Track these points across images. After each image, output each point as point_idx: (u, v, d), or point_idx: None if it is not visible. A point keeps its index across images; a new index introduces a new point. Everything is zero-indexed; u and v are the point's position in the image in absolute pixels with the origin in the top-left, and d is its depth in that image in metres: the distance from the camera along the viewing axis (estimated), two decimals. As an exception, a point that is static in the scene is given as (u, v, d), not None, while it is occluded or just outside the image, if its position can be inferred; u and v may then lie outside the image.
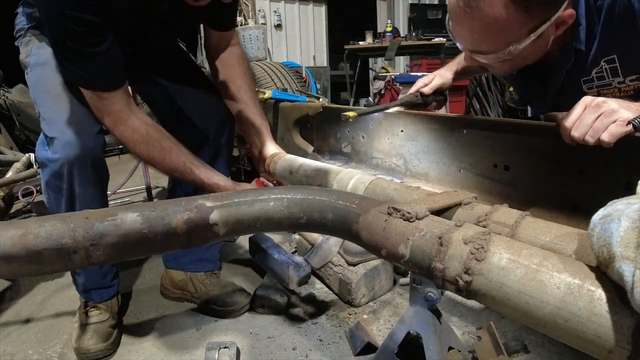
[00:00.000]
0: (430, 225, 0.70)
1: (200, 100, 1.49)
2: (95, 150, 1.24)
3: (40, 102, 1.29)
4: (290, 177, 1.23)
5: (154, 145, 1.25)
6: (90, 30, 1.10)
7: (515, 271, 0.57)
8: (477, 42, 1.04)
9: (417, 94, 1.49)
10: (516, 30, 0.98)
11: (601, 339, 0.50)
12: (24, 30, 1.38)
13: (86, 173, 1.24)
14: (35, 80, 1.31)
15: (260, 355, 1.31)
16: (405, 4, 7.84)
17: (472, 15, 0.97)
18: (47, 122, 1.25)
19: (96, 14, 1.09)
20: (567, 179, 1.22)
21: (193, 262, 1.59)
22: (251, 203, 0.87)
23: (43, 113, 1.27)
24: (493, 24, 0.97)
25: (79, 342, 1.34)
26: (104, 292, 1.42)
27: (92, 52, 1.12)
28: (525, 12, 0.94)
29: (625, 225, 0.47)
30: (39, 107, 1.29)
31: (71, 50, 1.12)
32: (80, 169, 1.22)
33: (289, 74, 2.96)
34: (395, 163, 1.78)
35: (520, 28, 0.97)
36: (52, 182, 1.25)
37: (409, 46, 5.60)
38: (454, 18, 1.04)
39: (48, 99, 1.27)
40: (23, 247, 0.69)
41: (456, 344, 0.93)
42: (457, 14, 1.01)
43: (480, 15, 0.96)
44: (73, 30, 1.08)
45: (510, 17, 0.94)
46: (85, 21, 1.08)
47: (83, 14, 1.07)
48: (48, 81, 1.28)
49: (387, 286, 1.60)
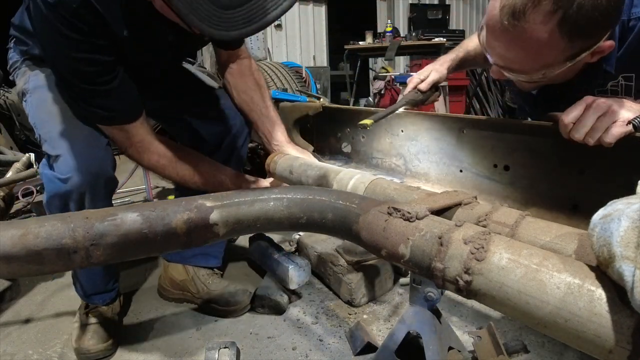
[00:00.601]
0: (430, 225, 0.70)
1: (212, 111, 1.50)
2: (105, 166, 1.19)
3: (40, 124, 1.23)
4: (290, 176, 1.23)
5: (181, 165, 1.28)
6: (101, 70, 1.10)
7: (516, 271, 0.57)
8: (512, 61, 1.02)
9: (417, 91, 1.48)
10: (554, 56, 0.96)
11: (601, 339, 0.50)
12: (19, 63, 1.37)
13: (99, 193, 1.18)
14: (37, 103, 1.27)
15: (260, 355, 1.31)
16: (405, 4, 7.84)
17: (513, 34, 0.93)
18: (50, 141, 1.18)
19: (105, 53, 1.09)
20: (567, 179, 1.22)
21: (195, 256, 1.58)
22: (251, 203, 0.87)
23: (44, 134, 1.20)
24: (533, 46, 0.94)
25: (79, 342, 1.34)
26: (105, 295, 1.41)
27: (105, 89, 1.12)
28: (568, 40, 0.91)
29: (625, 225, 0.47)
30: (40, 130, 1.23)
31: (84, 90, 1.12)
32: (92, 192, 1.15)
33: (289, 74, 2.96)
34: (395, 163, 1.78)
35: (559, 54, 0.95)
36: (55, 203, 1.15)
37: (409, 46, 5.60)
38: (492, 32, 1.00)
39: (49, 118, 1.22)
40: (23, 247, 0.69)
41: (456, 344, 0.93)
42: (497, 30, 0.97)
43: (522, 35, 0.93)
44: (84, 72, 1.08)
45: (552, 43, 0.92)
46: (95, 61, 1.08)
47: (92, 55, 1.07)
48: (49, 102, 1.25)
49: (387, 286, 1.60)
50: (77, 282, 1.39)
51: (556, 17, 0.88)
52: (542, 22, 0.89)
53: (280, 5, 0.85)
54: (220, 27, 0.84)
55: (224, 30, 0.84)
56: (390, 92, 5.58)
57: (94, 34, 1.05)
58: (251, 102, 1.47)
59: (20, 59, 1.37)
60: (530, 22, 0.90)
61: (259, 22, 0.85)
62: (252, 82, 1.48)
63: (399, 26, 7.32)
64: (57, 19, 1.01)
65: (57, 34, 1.04)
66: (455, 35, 6.10)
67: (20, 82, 1.35)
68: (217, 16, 0.83)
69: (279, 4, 0.85)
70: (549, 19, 0.88)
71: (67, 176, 1.12)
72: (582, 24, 0.88)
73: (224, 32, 0.85)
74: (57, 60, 1.10)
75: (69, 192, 1.13)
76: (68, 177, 1.12)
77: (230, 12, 0.83)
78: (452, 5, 8.29)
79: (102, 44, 1.07)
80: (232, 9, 0.83)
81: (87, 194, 1.15)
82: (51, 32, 1.05)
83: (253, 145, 2.30)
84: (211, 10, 0.82)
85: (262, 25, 0.85)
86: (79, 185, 1.12)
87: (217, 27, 0.84)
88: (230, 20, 0.83)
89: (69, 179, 1.12)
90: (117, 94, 1.15)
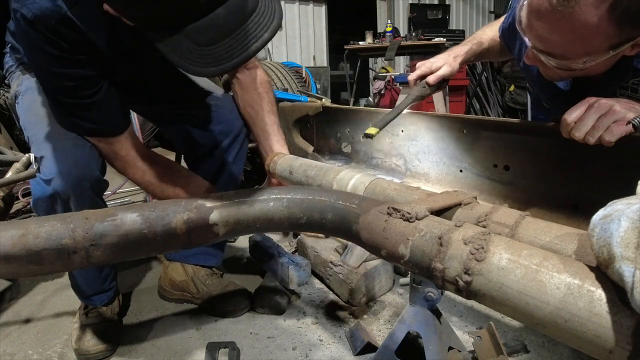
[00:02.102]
0: (430, 226, 0.70)
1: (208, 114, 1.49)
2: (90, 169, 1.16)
3: (29, 125, 1.23)
4: (290, 177, 1.23)
5: (165, 184, 1.28)
6: (82, 84, 1.09)
7: (515, 271, 0.57)
8: (554, 44, 0.97)
9: (424, 85, 1.42)
10: (599, 43, 0.92)
11: (601, 339, 0.50)
12: (14, 67, 1.37)
13: (85, 196, 1.15)
14: (27, 105, 1.27)
15: (260, 355, 1.31)
16: (405, 4, 7.84)
17: (561, 15, 0.89)
18: (36, 143, 1.17)
19: (86, 68, 1.07)
20: (567, 179, 1.22)
21: (195, 255, 1.58)
22: (251, 203, 0.87)
23: (32, 136, 1.20)
24: (580, 30, 0.90)
25: (79, 343, 1.34)
26: (104, 295, 1.41)
27: (87, 102, 1.11)
28: (617, 26, 0.88)
29: (625, 226, 0.47)
30: (28, 132, 1.22)
31: (67, 104, 1.11)
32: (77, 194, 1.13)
33: (289, 74, 2.96)
34: (395, 163, 1.78)
35: (605, 41, 0.92)
36: (41, 206, 1.13)
37: (409, 46, 5.60)
38: (536, 12, 0.94)
39: (37, 120, 1.22)
40: (23, 248, 0.69)
41: (456, 344, 0.93)
42: (542, 10, 0.92)
43: (570, 17, 0.88)
44: (65, 86, 1.07)
45: (600, 28, 0.88)
46: (75, 76, 1.07)
47: (73, 70, 1.06)
48: (38, 104, 1.24)
49: (387, 286, 1.60)
50: (75, 284, 1.38)
51: (608, 1, 0.85)
52: (594, 4, 0.86)
53: (260, 37, 0.83)
54: (197, 64, 0.82)
55: (201, 67, 0.82)
56: (390, 92, 5.58)
57: (74, 50, 1.04)
58: (255, 117, 1.45)
59: (15, 64, 1.38)
60: (580, 4, 0.86)
61: (238, 58, 0.83)
62: (257, 95, 1.46)
63: (399, 26, 7.32)
64: (36, 35, 1.00)
65: (36, 49, 1.03)
66: (455, 35, 6.10)
67: (14, 85, 1.35)
68: (196, 53, 0.81)
69: (259, 36, 0.83)
70: (600, 2, 0.85)
71: (49, 177, 1.10)
72: (633, 11, 0.85)
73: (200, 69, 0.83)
74: (39, 73, 1.11)
75: (53, 194, 1.11)
76: (50, 179, 1.10)
77: (209, 49, 0.81)
78: (452, 5, 8.29)
79: (83, 59, 1.06)
80: (211, 45, 0.81)
81: (72, 197, 1.13)
82: (31, 47, 1.05)
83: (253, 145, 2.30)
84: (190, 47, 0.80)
85: (242, 60, 0.83)
86: (62, 188, 1.11)
87: (195, 64, 0.82)
88: (209, 56, 0.81)
89: (52, 180, 1.10)
90: (100, 107, 1.14)
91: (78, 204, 1.14)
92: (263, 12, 0.84)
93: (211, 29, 0.79)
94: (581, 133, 0.96)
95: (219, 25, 0.79)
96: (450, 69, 1.42)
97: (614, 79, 1.11)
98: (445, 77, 1.42)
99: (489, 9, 9.03)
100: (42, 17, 0.98)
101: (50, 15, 0.99)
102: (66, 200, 1.13)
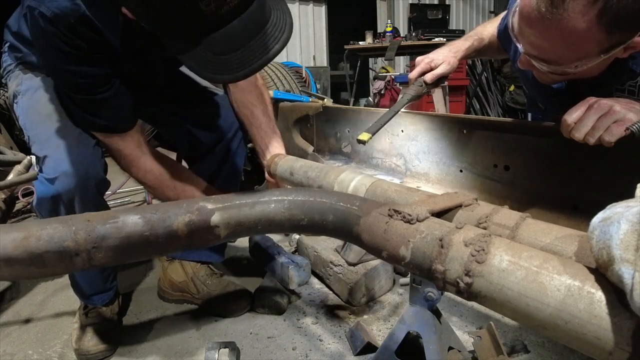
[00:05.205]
0: (431, 227, 0.70)
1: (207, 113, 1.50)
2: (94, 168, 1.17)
3: (30, 125, 1.23)
4: (291, 178, 1.23)
5: (167, 185, 1.29)
6: (94, 81, 1.11)
7: (516, 273, 0.58)
8: (545, 51, 0.98)
9: (421, 83, 1.40)
10: (590, 48, 0.93)
11: (601, 341, 0.50)
12: (12, 66, 1.37)
13: (89, 195, 1.16)
14: (28, 105, 1.26)
15: (260, 355, 1.31)
16: (405, 4, 7.83)
17: (550, 22, 0.90)
18: (38, 143, 1.18)
19: (101, 66, 1.09)
20: (567, 179, 1.22)
21: (197, 252, 1.58)
22: (252, 205, 0.87)
23: (33, 136, 1.20)
24: (570, 37, 0.91)
25: (79, 343, 1.34)
26: (104, 295, 1.41)
27: (99, 99, 1.13)
28: (606, 32, 0.89)
29: (625, 228, 0.47)
30: (29, 131, 1.23)
31: (78, 100, 1.13)
32: (81, 194, 1.14)
33: (289, 74, 2.96)
34: (396, 163, 1.78)
35: (595, 46, 0.93)
36: (45, 206, 1.14)
37: (409, 46, 5.60)
38: (527, 19, 0.96)
39: (39, 120, 1.22)
40: (25, 250, 0.69)
41: (456, 344, 0.93)
42: (532, 18, 0.93)
43: (560, 25, 0.89)
44: (77, 83, 1.09)
45: (590, 34, 0.89)
46: (90, 73, 1.09)
47: (87, 68, 1.07)
48: (40, 104, 1.25)
49: (387, 286, 1.61)
50: (75, 284, 1.38)
51: (596, 7, 0.85)
52: (582, 12, 0.87)
53: (272, 49, 0.86)
54: (213, 71, 0.85)
55: (215, 74, 0.86)
56: (390, 92, 5.58)
57: (91, 48, 1.05)
58: (251, 117, 1.45)
59: (14, 63, 1.37)
60: (569, 11, 0.87)
61: (251, 67, 0.86)
62: (253, 96, 1.45)
63: (399, 26, 7.32)
64: (54, 34, 1.01)
65: (53, 48, 1.04)
66: (455, 35, 6.09)
67: (12, 85, 1.34)
68: (212, 61, 0.84)
69: (271, 47, 0.86)
70: (588, 9, 0.86)
71: (53, 176, 1.11)
72: (622, 16, 0.86)
73: (214, 76, 0.87)
74: (53, 71, 1.13)
75: (57, 194, 1.12)
76: (55, 178, 1.11)
77: (225, 57, 0.84)
78: (452, 5, 8.28)
79: (99, 57, 1.08)
80: (226, 55, 0.84)
81: (76, 196, 1.14)
82: (47, 45, 1.05)
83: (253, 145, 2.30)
84: (207, 55, 0.83)
85: (255, 69, 0.86)
86: (67, 187, 1.12)
87: (211, 71, 0.85)
88: (224, 64, 0.84)
89: (56, 179, 1.11)
90: (112, 103, 1.16)
91: (82, 203, 1.15)
92: (275, 24, 0.87)
93: (227, 40, 0.82)
94: (581, 133, 0.97)
95: (234, 37, 0.83)
96: (449, 67, 1.42)
97: (609, 79, 1.11)
98: (443, 75, 1.42)
99: (489, 9, 9.03)
100: (62, 15, 0.99)
101: (69, 13, 1.00)
102: (70, 199, 1.14)
